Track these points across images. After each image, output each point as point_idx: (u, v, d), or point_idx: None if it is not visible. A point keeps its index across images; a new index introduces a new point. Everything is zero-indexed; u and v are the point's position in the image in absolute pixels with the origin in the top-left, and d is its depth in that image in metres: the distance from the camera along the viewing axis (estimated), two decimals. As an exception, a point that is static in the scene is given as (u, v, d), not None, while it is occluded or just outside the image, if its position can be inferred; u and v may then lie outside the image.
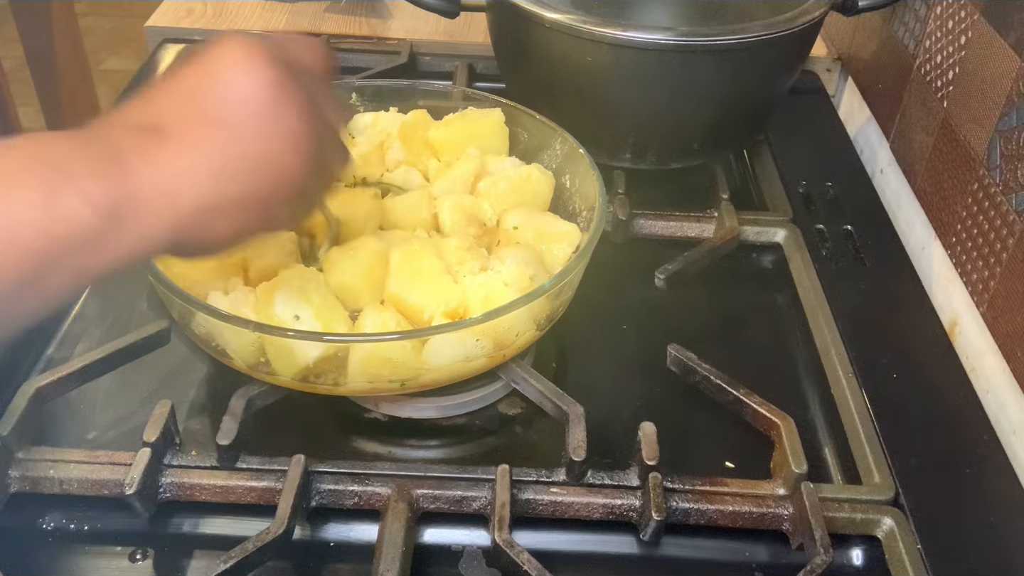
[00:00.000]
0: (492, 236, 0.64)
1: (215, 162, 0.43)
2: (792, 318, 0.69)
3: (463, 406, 0.60)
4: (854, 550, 0.53)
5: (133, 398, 0.60)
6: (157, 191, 0.41)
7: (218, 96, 0.44)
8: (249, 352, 0.54)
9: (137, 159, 0.40)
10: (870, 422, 0.59)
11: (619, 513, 0.53)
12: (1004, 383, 0.62)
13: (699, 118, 0.76)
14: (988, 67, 0.68)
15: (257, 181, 0.45)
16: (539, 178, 0.67)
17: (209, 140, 0.43)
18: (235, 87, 0.44)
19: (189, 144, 0.42)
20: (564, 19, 0.71)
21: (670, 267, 0.69)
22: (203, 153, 0.43)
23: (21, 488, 0.52)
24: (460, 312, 0.56)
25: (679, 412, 0.61)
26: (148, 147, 0.41)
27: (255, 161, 0.44)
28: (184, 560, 0.52)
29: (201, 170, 0.42)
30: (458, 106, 0.73)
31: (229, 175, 0.43)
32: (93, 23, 2.57)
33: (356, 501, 0.53)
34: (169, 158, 0.41)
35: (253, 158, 0.44)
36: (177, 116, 0.43)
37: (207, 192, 0.43)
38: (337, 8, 1.04)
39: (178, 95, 0.44)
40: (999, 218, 0.65)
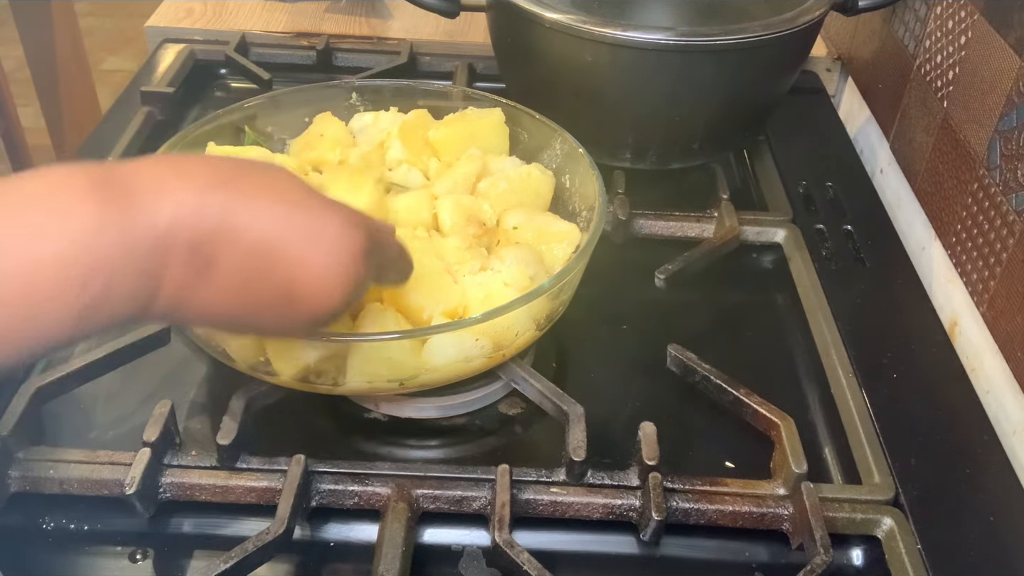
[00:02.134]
0: (492, 236, 0.64)
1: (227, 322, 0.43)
2: (792, 318, 0.69)
3: (463, 406, 0.60)
4: (854, 550, 0.53)
5: (133, 398, 0.60)
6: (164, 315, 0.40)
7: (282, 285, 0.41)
8: (249, 351, 0.53)
9: (171, 290, 0.38)
10: (870, 422, 0.59)
11: (619, 513, 0.53)
12: (1004, 383, 0.62)
13: (699, 118, 0.76)
14: (988, 67, 0.68)
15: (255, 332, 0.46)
16: (539, 178, 0.67)
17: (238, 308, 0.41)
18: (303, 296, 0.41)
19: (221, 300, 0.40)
20: (564, 19, 0.71)
21: (670, 267, 0.69)
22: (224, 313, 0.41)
23: (21, 488, 0.52)
24: (460, 312, 0.56)
25: (679, 412, 0.61)
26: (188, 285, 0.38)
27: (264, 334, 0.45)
28: (184, 560, 0.52)
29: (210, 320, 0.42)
30: (458, 106, 0.73)
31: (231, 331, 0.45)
32: (93, 23, 2.57)
33: (356, 501, 0.53)
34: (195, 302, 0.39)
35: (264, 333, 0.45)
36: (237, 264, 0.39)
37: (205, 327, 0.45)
38: (337, 8, 1.04)
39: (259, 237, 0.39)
40: (999, 218, 0.65)
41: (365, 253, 0.43)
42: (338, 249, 0.42)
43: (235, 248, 0.39)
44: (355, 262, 0.42)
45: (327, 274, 0.41)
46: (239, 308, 0.41)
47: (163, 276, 0.38)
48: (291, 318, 0.43)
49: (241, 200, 0.39)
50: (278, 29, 1.00)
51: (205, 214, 0.38)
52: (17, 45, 1.60)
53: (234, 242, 0.39)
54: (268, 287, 0.41)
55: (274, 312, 0.42)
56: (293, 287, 0.41)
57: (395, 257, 0.49)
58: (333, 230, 0.42)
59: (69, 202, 0.35)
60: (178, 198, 0.37)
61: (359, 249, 0.42)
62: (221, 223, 0.38)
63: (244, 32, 0.97)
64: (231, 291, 0.40)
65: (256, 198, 0.40)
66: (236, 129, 0.70)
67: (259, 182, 0.41)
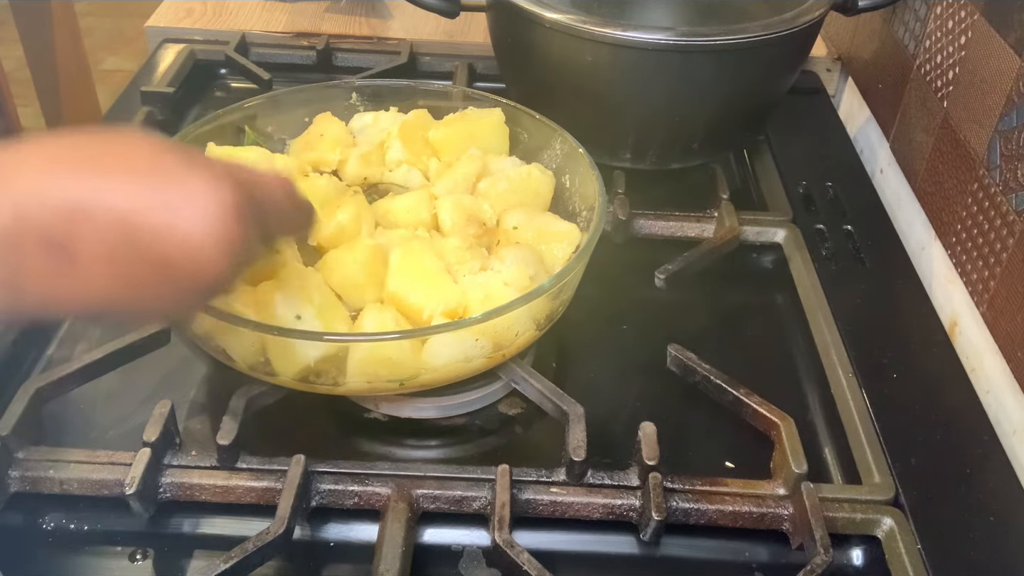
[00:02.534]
0: (492, 236, 0.64)
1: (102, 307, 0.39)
2: (792, 318, 0.69)
3: (463, 406, 0.60)
4: (854, 550, 0.53)
5: (133, 398, 0.60)
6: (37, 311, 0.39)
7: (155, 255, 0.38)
8: (250, 352, 0.54)
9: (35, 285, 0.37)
10: (870, 422, 0.59)
11: (619, 513, 0.53)
12: (1004, 383, 0.62)
13: (699, 118, 0.76)
14: (988, 67, 0.68)
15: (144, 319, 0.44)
16: (539, 178, 0.67)
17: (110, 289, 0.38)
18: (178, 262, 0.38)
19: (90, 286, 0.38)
20: (564, 19, 0.71)
21: (670, 267, 0.69)
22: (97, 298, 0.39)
23: (21, 488, 0.52)
24: (460, 312, 0.56)
25: (679, 412, 0.61)
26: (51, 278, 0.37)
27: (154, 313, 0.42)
28: (184, 560, 0.52)
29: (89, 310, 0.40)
30: (458, 106, 0.73)
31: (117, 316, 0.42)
32: (93, 23, 2.57)
33: (356, 501, 0.53)
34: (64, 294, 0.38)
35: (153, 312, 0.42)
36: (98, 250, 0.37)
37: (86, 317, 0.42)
38: (337, 8, 1.04)
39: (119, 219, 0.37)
40: (999, 218, 0.65)
41: (237, 208, 0.40)
42: (204, 209, 0.38)
43: (91, 230, 0.37)
44: (227, 220, 0.39)
45: (199, 237, 0.38)
46: (116, 291, 0.38)
47: (21, 273, 0.36)
48: (176, 292, 0.40)
49: (88, 179, 0.37)
50: (278, 29, 1.00)
51: (50, 202, 0.36)
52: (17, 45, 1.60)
53: (89, 224, 0.36)
54: (139, 263, 0.38)
55: (155, 289, 0.39)
56: (166, 258, 0.38)
57: (286, 208, 0.45)
58: (195, 190, 0.39)
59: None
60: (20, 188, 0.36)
61: (229, 205, 0.39)
62: (70, 207, 0.36)
63: (244, 32, 0.97)
64: (100, 275, 0.37)
65: (105, 171, 0.38)
66: (236, 129, 0.70)
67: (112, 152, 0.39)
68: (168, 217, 0.38)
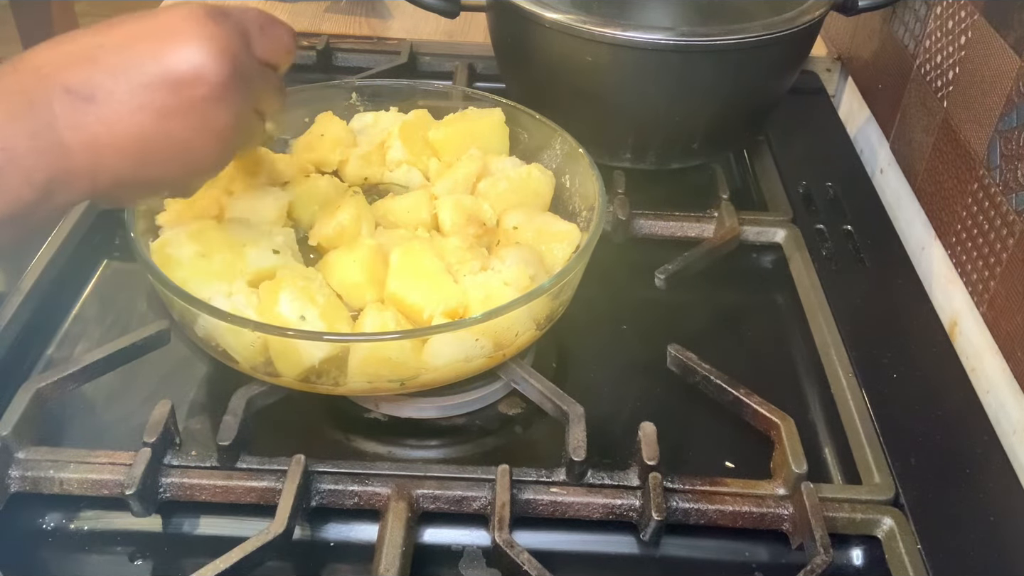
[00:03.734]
0: (492, 236, 0.64)
1: (138, 146, 0.44)
2: (792, 318, 0.69)
3: (463, 406, 0.60)
4: (854, 550, 0.53)
5: (133, 398, 0.60)
6: (85, 168, 0.43)
7: (159, 76, 0.44)
8: (251, 353, 0.53)
9: (70, 133, 0.42)
10: (870, 422, 0.59)
11: (619, 513, 0.53)
12: (1004, 383, 0.62)
13: (699, 118, 0.76)
14: (988, 67, 0.68)
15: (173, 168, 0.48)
16: (539, 178, 0.67)
17: (137, 123, 0.44)
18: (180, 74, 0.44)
19: (118, 123, 0.43)
20: (564, 19, 0.71)
21: (670, 267, 0.69)
22: (129, 135, 0.44)
23: (21, 488, 0.52)
24: (460, 312, 0.56)
25: (679, 412, 0.61)
26: (80, 120, 0.43)
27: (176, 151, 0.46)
28: (184, 560, 0.52)
29: (124, 152, 0.44)
30: (458, 106, 0.73)
31: (149, 161, 0.46)
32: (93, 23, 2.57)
33: (356, 501, 0.53)
34: (97, 135, 0.43)
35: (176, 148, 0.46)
36: (112, 85, 0.43)
37: (126, 172, 0.45)
38: (337, 8, 1.04)
39: (120, 58, 0.44)
40: (999, 218, 0.65)
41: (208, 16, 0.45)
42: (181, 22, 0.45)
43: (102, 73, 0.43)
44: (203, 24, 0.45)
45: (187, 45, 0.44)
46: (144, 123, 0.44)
47: (54, 124, 0.42)
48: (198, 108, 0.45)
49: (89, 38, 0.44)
50: (278, 29, 1.00)
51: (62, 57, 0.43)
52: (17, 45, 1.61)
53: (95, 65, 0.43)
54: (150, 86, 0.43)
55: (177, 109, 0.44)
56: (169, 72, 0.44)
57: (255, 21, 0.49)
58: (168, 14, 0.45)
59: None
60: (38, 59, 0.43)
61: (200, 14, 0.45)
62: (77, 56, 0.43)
63: (244, 32, 0.97)
64: (124, 110, 0.43)
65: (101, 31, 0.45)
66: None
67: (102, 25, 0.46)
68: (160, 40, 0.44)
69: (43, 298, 0.66)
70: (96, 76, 0.43)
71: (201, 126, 0.46)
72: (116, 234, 0.72)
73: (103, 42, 0.44)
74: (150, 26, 0.45)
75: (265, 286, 0.55)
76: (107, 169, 0.44)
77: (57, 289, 0.67)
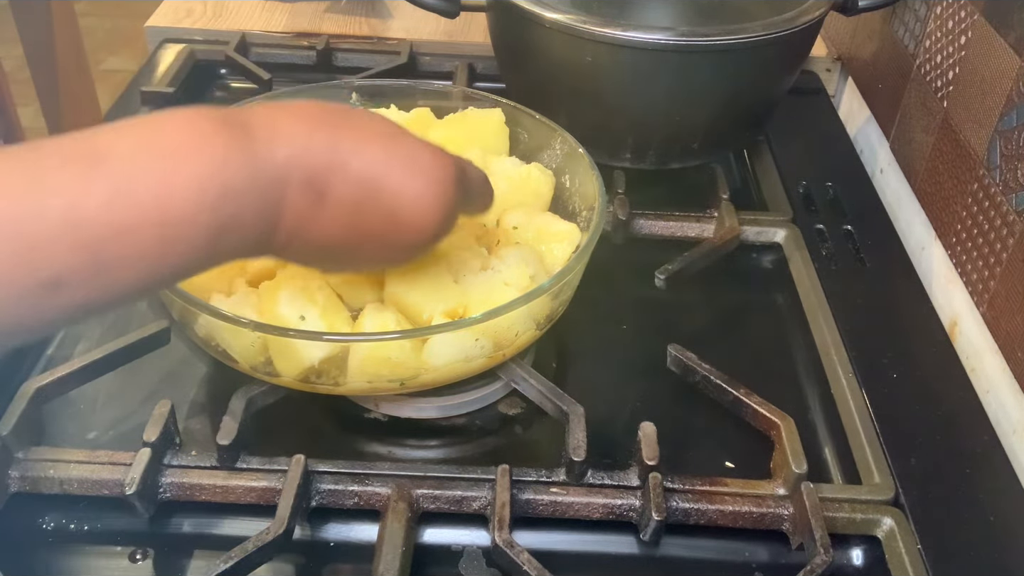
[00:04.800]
0: (492, 236, 0.64)
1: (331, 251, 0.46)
2: (792, 318, 0.69)
3: (463, 406, 0.60)
4: (854, 550, 0.53)
5: (133, 398, 0.60)
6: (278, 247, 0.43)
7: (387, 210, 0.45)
8: (251, 353, 0.53)
9: (287, 218, 0.42)
10: (870, 422, 0.59)
11: (619, 513, 0.53)
12: (1004, 383, 0.62)
13: (699, 118, 0.76)
14: (988, 67, 0.68)
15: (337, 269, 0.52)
16: (539, 178, 0.67)
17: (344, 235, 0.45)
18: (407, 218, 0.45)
19: (330, 228, 0.44)
20: (564, 19, 0.71)
21: (670, 267, 0.69)
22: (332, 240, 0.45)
23: (21, 488, 0.52)
24: (460, 312, 0.56)
25: (679, 412, 0.61)
26: (302, 212, 0.42)
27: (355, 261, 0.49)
28: (184, 560, 0.52)
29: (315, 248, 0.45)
30: (458, 106, 0.73)
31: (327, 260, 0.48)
32: (93, 23, 2.57)
33: (356, 501, 0.53)
34: (307, 229, 0.43)
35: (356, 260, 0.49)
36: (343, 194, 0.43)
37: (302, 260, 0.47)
38: (337, 8, 1.04)
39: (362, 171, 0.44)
40: (999, 218, 0.65)
41: (456, 179, 0.47)
42: (433, 175, 0.46)
43: (344, 179, 0.43)
44: (448, 187, 0.46)
45: (425, 198, 0.45)
46: (348, 236, 0.45)
47: (283, 205, 0.41)
48: (394, 244, 0.47)
49: (345, 137, 0.44)
50: (278, 29, 1.00)
51: (315, 149, 0.42)
52: (17, 45, 1.60)
53: (342, 174, 0.43)
54: (374, 213, 0.44)
55: (379, 239, 0.46)
56: (396, 212, 0.45)
57: (480, 186, 0.52)
58: (427, 159, 0.46)
59: (197, 137, 0.39)
60: (291, 135, 0.42)
61: (450, 175, 0.47)
62: (330, 157, 0.43)
63: (244, 32, 0.97)
64: (342, 219, 0.44)
65: (358, 134, 0.45)
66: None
67: (360, 122, 0.46)
68: (406, 177, 0.45)
69: (43, 298, 0.66)
70: (337, 178, 0.43)
71: (389, 255, 0.49)
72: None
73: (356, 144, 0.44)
74: (404, 155, 0.45)
75: (265, 286, 0.55)
76: (293, 250, 0.44)
77: (57, 289, 0.67)
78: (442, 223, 0.47)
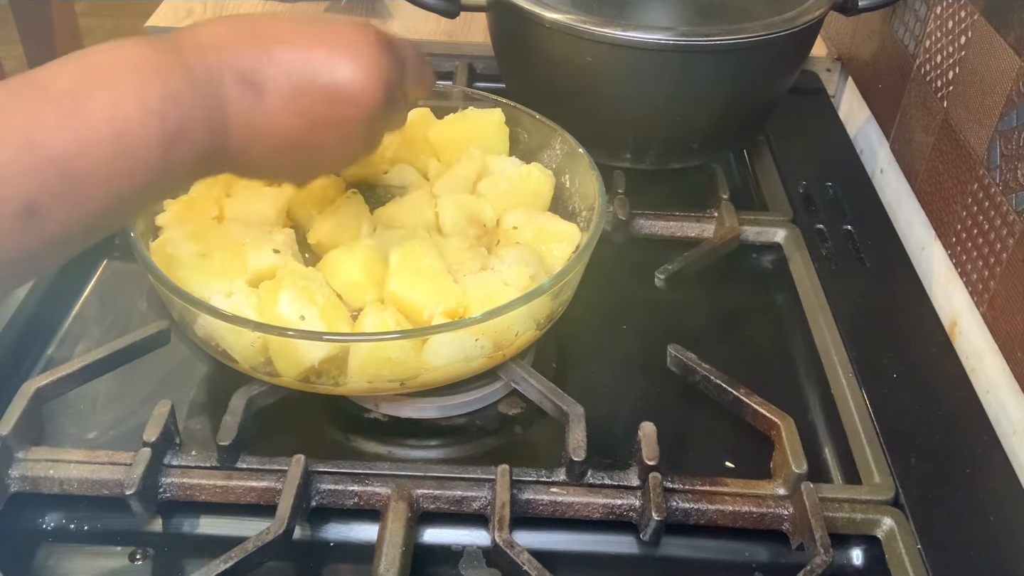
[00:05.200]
0: (492, 236, 0.64)
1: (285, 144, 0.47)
2: (792, 318, 0.69)
3: (463, 406, 0.60)
4: (854, 550, 0.53)
5: (133, 398, 0.60)
6: (236, 149, 0.45)
7: (325, 87, 0.46)
8: (251, 353, 0.53)
9: (235, 116, 0.44)
10: (870, 422, 0.59)
11: (619, 513, 0.53)
12: (1004, 383, 0.62)
13: (699, 118, 0.76)
14: (988, 67, 0.68)
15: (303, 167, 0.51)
16: (539, 178, 0.67)
17: (292, 124, 0.46)
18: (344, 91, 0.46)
19: (277, 119, 0.45)
20: (564, 19, 0.71)
21: (670, 267, 0.69)
22: (283, 133, 0.46)
23: (21, 488, 0.52)
24: (460, 312, 0.56)
25: (679, 412, 0.61)
26: (247, 106, 0.44)
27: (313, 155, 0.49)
28: (184, 560, 0.52)
29: (271, 146, 0.46)
30: (458, 106, 0.73)
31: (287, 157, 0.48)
32: (93, 23, 2.57)
33: (356, 501, 0.53)
34: (256, 124, 0.45)
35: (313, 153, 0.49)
36: (283, 81, 0.45)
37: (264, 161, 0.48)
38: (337, 8, 1.04)
39: (294, 57, 0.45)
40: (999, 218, 0.65)
41: (381, 43, 0.48)
42: (358, 43, 0.47)
43: (276, 67, 0.45)
44: (376, 51, 0.47)
45: (358, 65, 0.46)
46: (298, 126, 0.46)
47: (225, 103, 0.43)
48: (345, 124, 0.48)
49: (268, 30, 0.46)
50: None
51: (241, 46, 0.44)
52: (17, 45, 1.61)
53: (274, 62, 0.45)
54: (314, 94, 0.46)
55: (328, 122, 0.47)
56: (335, 86, 0.46)
57: (411, 55, 0.53)
58: (349, 30, 0.48)
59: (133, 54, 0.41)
60: (217, 40, 0.44)
61: (374, 40, 0.48)
62: (257, 50, 0.45)
63: (244, 32, 0.97)
64: (286, 108, 0.45)
65: (280, 26, 0.47)
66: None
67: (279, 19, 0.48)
68: (334, 52, 0.46)
69: (43, 298, 0.66)
70: (269, 69, 0.45)
71: (342, 140, 0.49)
72: (116, 234, 0.72)
73: (279, 36, 0.46)
74: (326, 36, 0.47)
75: (265, 286, 0.55)
76: (251, 155, 0.46)
77: (57, 289, 0.67)
78: (383, 90, 0.47)
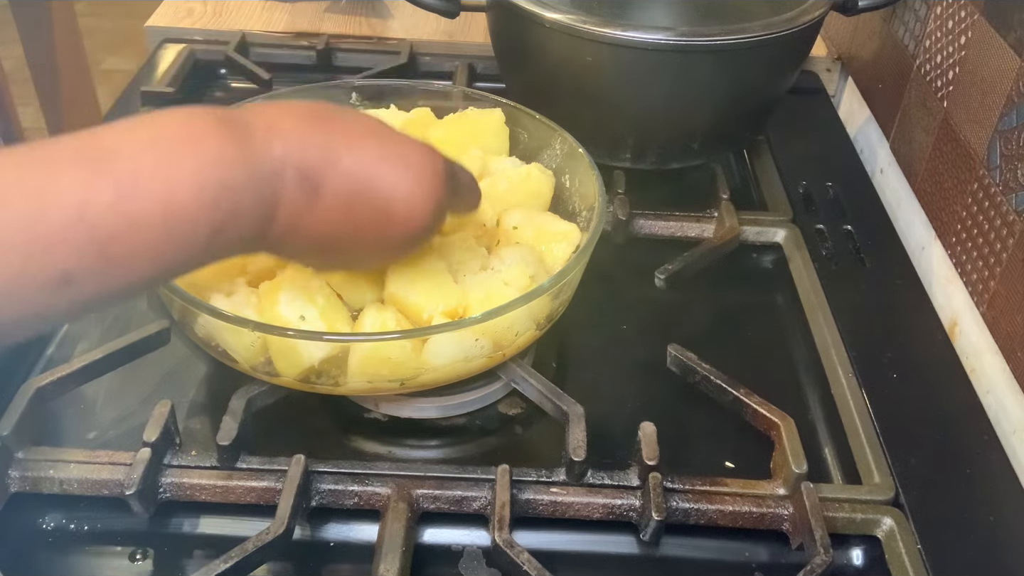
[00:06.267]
0: (492, 236, 0.64)
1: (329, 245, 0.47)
2: (792, 318, 0.69)
3: (463, 406, 0.60)
4: (854, 550, 0.53)
5: (133, 398, 0.60)
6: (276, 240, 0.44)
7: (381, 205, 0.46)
8: (251, 353, 0.53)
9: (286, 213, 0.43)
10: (870, 422, 0.59)
11: (619, 513, 0.53)
12: (1004, 383, 0.62)
13: (699, 118, 0.76)
14: (988, 67, 0.68)
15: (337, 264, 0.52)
16: (539, 178, 0.67)
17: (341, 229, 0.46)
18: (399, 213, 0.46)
19: (326, 222, 0.45)
20: (564, 19, 0.71)
21: (670, 267, 0.69)
22: (329, 234, 0.46)
23: (21, 488, 0.52)
24: (460, 312, 0.56)
25: (679, 412, 0.61)
26: (299, 205, 0.43)
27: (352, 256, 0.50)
28: (184, 560, 0.52)
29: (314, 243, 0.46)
30: (458, 106, 0.73)
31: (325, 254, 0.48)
32: (93, 23, 2.57)
33: (356, 501, 0.53)
34: (303, 224, 0.44)
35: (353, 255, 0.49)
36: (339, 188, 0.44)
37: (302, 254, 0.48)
38: (337, 8, 1.04)
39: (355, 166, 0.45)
40: (999, 218, 0.65)
41: (445, 175, 0.48)
42: (423, 171, 0.47)
43: (337, 174, 0.44)
44: (438, 183, 0.48)
45: (416, 193, 0.47)
46: (342, 231, 0.46)
47: (279, 199, 0.42)
48: (387, 239, 0.48)
49: (339, 133, 0.45)
50: (278, 29, 1.00)
51: (309, 145, 0.44)
52: (17, 45, 1.60)
53: (337, 169, 0.44)
54: (367, 208, 0.46)
55: (372, 233, 0.47)
56: (388, 206, 0.46)
57: (468, 184, 0.54)
58: (418, 156, 0.47)
59: (198, 134, 0.40)
60: (286, 132, 0.43)
61: (440, 171, 0.48)
62: (324, 152, 0.44)
63: (244, 32, 0.97)
64: (336, 213, 0.45)
65: (352, 131, 0.46)
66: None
67: (352, 119, 0.47)
68: (398, 172, 0.46)
69: (43, 298, 0.66)
70: (330, 173, 0.44)
71: (381, 249, 0.49)
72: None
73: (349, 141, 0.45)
74: (394, 153, 0.47)
75: (265, 286, 0.55)
76: (290, 246, 0.46)
77: (57, 289, 0.67)
78: (433, 218, 0.48)
